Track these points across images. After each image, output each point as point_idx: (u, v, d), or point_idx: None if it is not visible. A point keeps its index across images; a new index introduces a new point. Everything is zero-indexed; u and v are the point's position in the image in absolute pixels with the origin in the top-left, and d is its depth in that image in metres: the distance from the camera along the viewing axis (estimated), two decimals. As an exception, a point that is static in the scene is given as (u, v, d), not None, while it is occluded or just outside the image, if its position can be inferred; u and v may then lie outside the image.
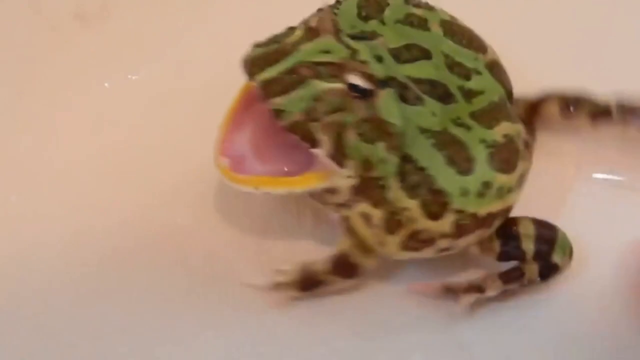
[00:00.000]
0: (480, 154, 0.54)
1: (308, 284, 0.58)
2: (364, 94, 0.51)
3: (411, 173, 0.53)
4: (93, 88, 0.69)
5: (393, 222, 0.54)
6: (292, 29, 0.53)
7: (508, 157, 0.55)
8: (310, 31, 0.52)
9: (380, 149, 0.52)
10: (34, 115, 0.67)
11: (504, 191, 0.55)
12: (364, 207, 0.54)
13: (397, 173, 0.52)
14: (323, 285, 0.57)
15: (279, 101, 0.50)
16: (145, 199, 0.64)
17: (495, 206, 0.55)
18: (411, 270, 0.61)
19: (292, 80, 0.50)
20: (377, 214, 0.54)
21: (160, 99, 0.68)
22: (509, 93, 0.59)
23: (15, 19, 0.72)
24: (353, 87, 0.51)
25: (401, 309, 0.60)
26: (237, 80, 0.66)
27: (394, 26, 0.56)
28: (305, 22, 0.53)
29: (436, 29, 0.57)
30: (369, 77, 0.51)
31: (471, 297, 0.58)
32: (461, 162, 0.53)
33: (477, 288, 0.58)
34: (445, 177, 0.53)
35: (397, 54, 0.54)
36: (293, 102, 0.50)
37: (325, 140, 0.51)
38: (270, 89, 0.50)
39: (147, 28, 0.72)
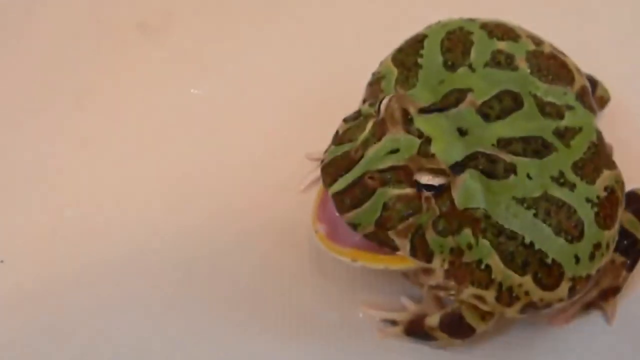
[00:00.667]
0: (587, 216, 0.52)
1: (414, 331, 0.57)
2: (437, 190, 0.50)
3: (517, 251, 0.51)
4: (155, 101, 0.68)
5: (507, 297, 0.52)
6: (365, 116, 0.53)
7: (611, 212, 0.53)
8: (379, 127, 0.50)
9: (466, 237, 0.51)
10: (94, 127, 0.68)
11: (611, 244, 0.54)
12: (472, 290, 0.52)
13: (498, 252, 0.51)
14: (429, 338, 0.57)
15: (351, 215, 0.50)
16: (207, 215, 0.63)
17: (605, 260, 0.54)
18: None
19: (360, 193, 0.49)
20: (489, 295, 0.52)
21: (221, 114, 0.68)
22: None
23: (77, 27, 0.72)
24: (423, 187, 0.49)
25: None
26: (297, 95, 0.68)
27: (483, 72, 0.55)
28: (378, 107, 0.51)
29: (523, 65, 0.56)
30: (439, 171, 0.49)
31: (614, 301, 0.59)
32: (570, 229, 0.51)
33: (612, 290, 0.58)
34: (556, 249, 0.51)
35: (488, 109, 0.53)
36: (364, 215, 0.50)
37: (404, 244, 0.50)
38: (342, 203, 0.50)
39: (209, 41, 0.71)
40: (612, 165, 0.55)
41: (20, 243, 0.62)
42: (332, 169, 0.50)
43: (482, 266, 0.51)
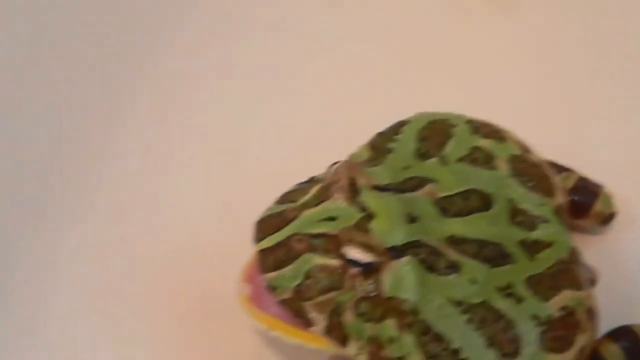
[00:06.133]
0: (529, 333, 0.48)
1: None
2: (366, 269, 0.47)
3: (441, 355, 0.47)
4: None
5: None
6: (315, 181, 0.51)
7: (564, 334, 0.49)
8: (323, 191, 0.49)
9: (389, 328, 0.47)
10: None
11: None
12: None
13: (420, 352, 0.48)
14: None
15: (272, 276, 0.48)
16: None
17: None
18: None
19: (285, 254, 0.48)
20: None
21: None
22: None
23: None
24: (351, 262, 0.47)
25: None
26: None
27: (455, 166, 0.52)
28: (328, 174, 0.50)
29: (503, 166, 0.53)
30: (371, 248, 0.46)
31: None
32: (504, 343, 0.48)
33: None
34: None
35: (449, 204, 0.50)
36: (284, 279, 0.48)
37: (320, 319, 0.48)
38: (266, 261, 0.48)
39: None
40: (579, 286, 0.50)
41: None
42: (265, 225, 0.49)
43: None
